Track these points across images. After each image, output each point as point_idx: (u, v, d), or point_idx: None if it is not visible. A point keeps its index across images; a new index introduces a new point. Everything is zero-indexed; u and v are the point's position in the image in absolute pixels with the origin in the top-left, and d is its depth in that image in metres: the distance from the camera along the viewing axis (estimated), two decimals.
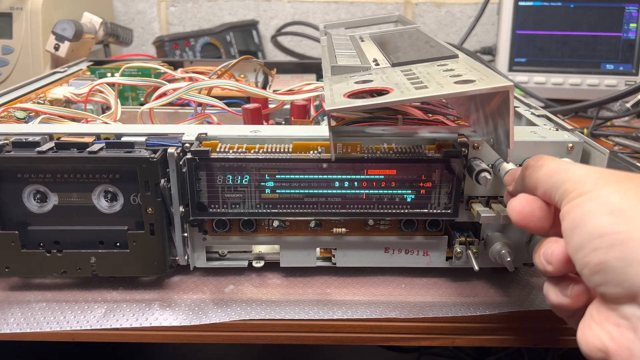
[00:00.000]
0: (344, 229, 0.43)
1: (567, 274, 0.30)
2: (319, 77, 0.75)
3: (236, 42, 1.03)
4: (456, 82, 0.35)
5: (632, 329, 0.24)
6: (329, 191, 0.40)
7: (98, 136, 0.41)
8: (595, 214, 0.25)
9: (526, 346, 0.50)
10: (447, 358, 0.96)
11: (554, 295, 0.30)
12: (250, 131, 0.41)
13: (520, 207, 0.31)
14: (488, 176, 0.38)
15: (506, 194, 0.36)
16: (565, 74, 0.89)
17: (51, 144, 0.39)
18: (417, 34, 0.58)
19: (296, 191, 0.40)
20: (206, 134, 0.40)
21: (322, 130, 0.42)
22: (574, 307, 0.29)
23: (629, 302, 0.24)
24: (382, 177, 0.40)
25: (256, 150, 0.39)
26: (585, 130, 0.75)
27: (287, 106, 0.54)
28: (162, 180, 0.39)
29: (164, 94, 0.51)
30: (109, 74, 0.68)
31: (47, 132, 0.41)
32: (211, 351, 1.01)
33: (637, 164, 0.63)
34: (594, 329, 0.26)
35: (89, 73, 0.69)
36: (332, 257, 0.44)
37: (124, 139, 0.40)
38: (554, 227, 0.30)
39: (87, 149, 0.39)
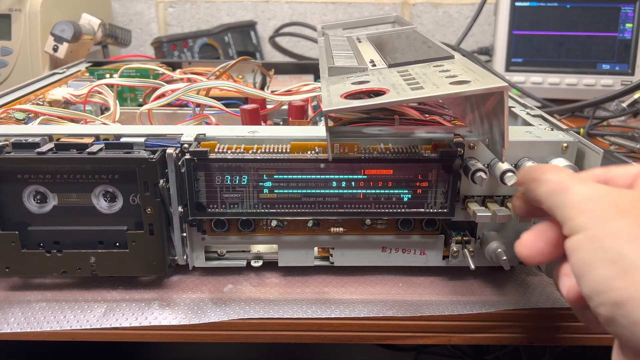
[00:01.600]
0: (341, 229, 0.43)
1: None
2: (317, 77, 0.75)
3: (234, 42, 1.04)
4: (452, 83, 0.35)
5: None
6: (326, 191, 0.40)
7: (97, 137, 0.41)
8: (594, 264, 0.25)
9: (523, 344, 0.51)
10: (445, 357, 0.96)
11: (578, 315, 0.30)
12: (248, 132, 0.41)
13: (527, 250, 0.31)
14: (484, 176, 0.38)
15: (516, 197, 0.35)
16: (562, 74, 0.90)
17: (51, 145, 0.40)
18: (414, 35, 0.58)
19: (294, 191, 0.40)
20: (204, 134, 0.41)
21: (319, 130, 0.42)
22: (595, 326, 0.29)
23: None
24: (379, 177, 0.40)
25: (254, 150, 0.40)
26: (581, 130, 0.75)
27: (285, 107, 0.55)
28: (161, 181, 0.39)
29: (162, 95, 0.51)
30: (107, 75, 0.68)
31: (47, 133, 0.41)
32: (210, 350, 1.01)
33: (633, 163, 0.64)
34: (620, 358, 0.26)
35: (87, 74, 0.70)
36: (330, 257, 0.45)
37: (123, 139, 0.41)
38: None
39: (87, 150, 0.39)
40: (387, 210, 0.41)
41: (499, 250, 0.41)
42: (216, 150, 0.40)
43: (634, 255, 0.23)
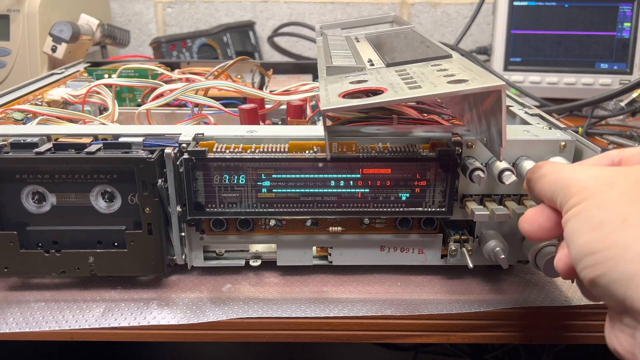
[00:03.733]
0: (340, 228, 0.43)
1: None
2: (315, 77, 0.75)
3: (233, 42, 1.04)
4: (449, 82, 0.35)
5: (631, 335, 0.25)
6: (324, 190, 0.40)
7: (96, 137, 0.41)
8: (580, 231, 0.26)
9: (521, 342, 0.51)
10: (444, 356, 0.96)
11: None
12: (246, 131, 0.41)
13: (529, 225, 0.32)
14: (482, 174, 0.39)
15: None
16: (560, 73, 0.90)
17: (49, 145, 0.40)
18: (412, 34, 0.58)
19: (292, 190, 0.40)
20: (203, 134, 0.41)
21: (317, 130, 0.42)
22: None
23: (624, 313, 0.25)
24: (378, 176, 0.40)
25: (252, 150, 0.40)
26: (580, 129, 0.75)
27: (284, 106, 0.55)
28: (160, 181, 0.39)
29: (161, 95, 0.51)
30: (106, 75, 0.68)
31: (45, 133, 0.41)
32: (209, 350, 1.01)
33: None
34: (609, 332, 0.27)
35: (86, 74, 0.70)
36: (329, 256, 0.45)
37: (121, 139, 0.41)
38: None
39: (85, 150, 0.39)
40: (385, 210, 0.41)
41: (497, 249, 0.41)
42: (214, 149, 0.40)
43: (614, 221, 0.25)
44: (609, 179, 0.27)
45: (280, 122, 0.58)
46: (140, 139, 0.40)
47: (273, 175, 0.40)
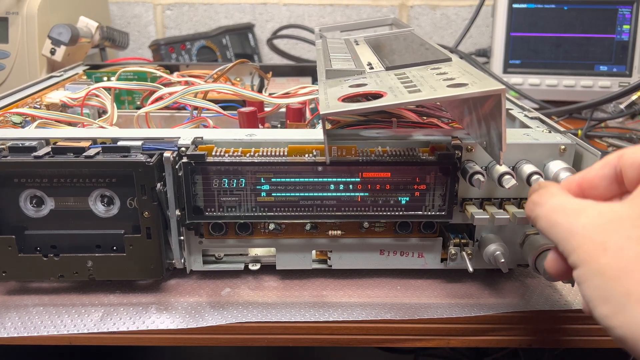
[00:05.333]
0: (339, 232, 0.43)
1: None
2: (315, 80, 0.75)
3: (232, 45, 1.03)
4: (449, 86, 0.35)
5: None
6: (324, 194, 0.40)
7: (94, 140, 0.41)
8: (594, 302, 0.26)
9: (521, 346, 0.51)
10: (444, 359, 0.96)
11: None
12: (245, 135, 0.41)
13: (552, 270, 0.32)
14: (481, 178, 0.38)
15: None
16: (560, 76, 0.90)
17: (47, 149, 0.40)
18: (411, 37, 0.58)
19: (292, 194, 0.40)
20: (202, 137, 0.41)
21: (317, 133, 0.42)
22: None
23: None
24: (377, 179, 0.40)
25: (252, 153, 0.40)
26: (579, 132, 0.75)
27: (283, 109, 0.55)
28: (158, 184, 0.39)
29: (160, 98, 0.51)
30: (105, 78, 0.68)
31: (44, 137, 0.41)
32: (208, 354, 1.01)
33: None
34: None
35: (85, 77, 0.70)
36: (328, 260, 0.45)
37: (120, 143, 0.41)
38: None
39: (84, 154, 0.39)
40: (385, 213, 0.41)
41: (497, 252, 0.41)
42: (213, 153, 0.40)
43: (619, 293, 0.25)
44: (603, 234, 0.27)
45: (279, 125, 0.58)
46: (139, 143, 0.40)
47: (272, 179, 0.40)
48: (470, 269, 0.42)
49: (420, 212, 0.41)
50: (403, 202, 0.41)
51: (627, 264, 0.25)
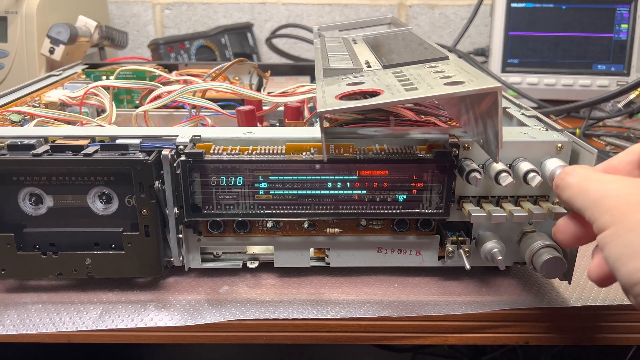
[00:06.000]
0: (337, 229, 0.43)
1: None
2: (313, 79, 0.75)
3: (231, 44, 1.04)
4: (446, 84, 0.35)
5: None
6: (322, 192, 0.40)
7: (93, 139, 0.41)
8: (623, 258, 0.26)
9: (519, 344, 0.51)
10: (442, 357, 0.97)
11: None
12: (243, 133, 0.41)
13: (562, 235, 0.34)
14: (478, 176, 0.39)
15: None
16: (558, 75, 0.90)
17: (46, 147, 0.40)
18: (409, 36, 0.58)
19: (289, 192, 0.40)
20: (200, 136, 0.41)
21: (314, 131, 0.42)
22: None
23: None
24: (375, 177, 0.40)
25: (249, 152, 0.40)
26: (577, 131, 0.75)
27: (281, 108, 0.55)
28: (157, 182, 0.39)
29: (158, 97, 0.51)
30: (104, 77, 0.68)
31: (42, 135, 0.41)
32: (206, 351, 1.01)
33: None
34: None
35: (84, 76, 0.70)
36: (326, 257, 0.45)
37: (118, 141, 0.41)
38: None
39: (82, 152, 0.39)
40: (382, 211, 0.41)
41: (495, 250, 0.41)
42: (211, 151, 0.40)
43: None
44: (636, 195, 0.27)
45: (278, 124, 0.58)
46: (137, 141, 0.40)
47: (270, 177, 0.40)
48: (468, 267, 0.42)
49: (418, 210, 0.41)
50: (400, 199, 0.41)
51: None
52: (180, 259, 0.43)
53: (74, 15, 0.82)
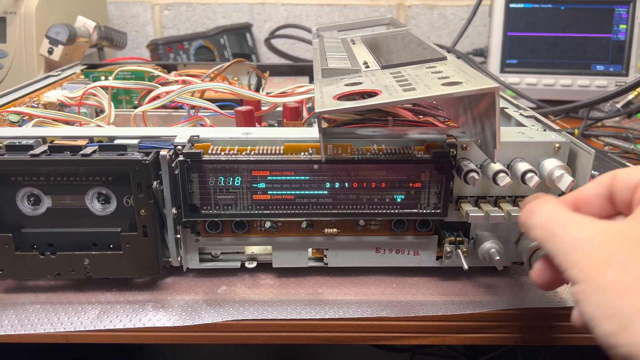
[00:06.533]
0: (335, 230, 0.43)
1: None
2: (312, 79, 0.75)
3: (230, 45, 1.04)
4: (444, 84, 0.35)
5: None
6: (320, 192, 0.40)
7: (91, 139, 0.41)
8: (596, 319, 0.25)
9: (517, 344, 0.51)
10: (441, 357, 0.97)
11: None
12: (241, 133, 0.41)
13: (539, 280, 0.33)
14: (476, 176, 0.39)
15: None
16: (556, 75, 0.90)
17: (44, 147, 0.40)
18: (408, 37, 0.59)
19: (288, 192, 0.40)
20: (198, 136, 0.41)
21: (313, 132, 0.42)
22: None
23: None
24: (373, 178, 0.40)
25: (248, 152, 0.40)
26: (576, 131, 0.75)
27: (280, 108, 0.55)
28: (155, 183, 0.39)
29: (157, 97, 0.51)
30: (102, 78, 0.68)
31: (41, 135, 0.41)
32: (205, 351, 1.01)
33: (627, 163, 0.64)
34: None
35: (82, 76, 0.70)
36: (324, 258, 0.45)
37: (116, 141, 0.41)
38: None
39: (80, 152, 0.39)
40: (380, 211, 0.41)
41: (492, 250, 0.41)
42: (210, 151, 0.40)
43: (627, 309, 0.24)
44: (607, 250, 0.26)
45: (276, 124, 0.58)
46: (135, 141, 0.40)
47: (268, 177, 0.40)
48: (466, 267, 0.42)
49: (416, 210, 0.41)
50: (398, 200, 0.41)
51: (634, 280, 0.24)
52: (179, 259, 0.43)
53: (73, 16, 0.82)
